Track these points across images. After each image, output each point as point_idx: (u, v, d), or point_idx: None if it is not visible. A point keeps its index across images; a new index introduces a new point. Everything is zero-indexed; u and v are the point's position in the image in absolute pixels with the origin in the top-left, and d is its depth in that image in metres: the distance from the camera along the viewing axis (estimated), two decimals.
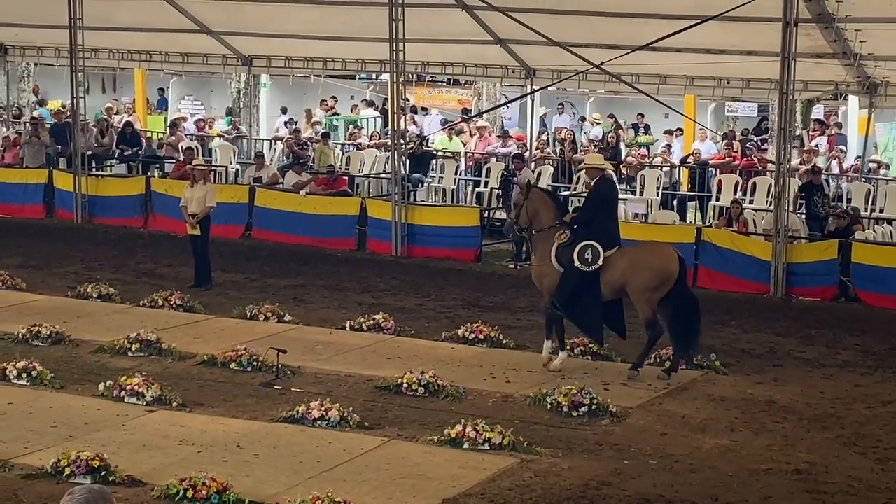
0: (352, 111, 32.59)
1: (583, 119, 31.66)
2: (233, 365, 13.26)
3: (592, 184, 14.08)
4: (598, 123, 30.31)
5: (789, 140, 19.18)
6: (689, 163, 25.14)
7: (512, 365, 13.73)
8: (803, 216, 20.63)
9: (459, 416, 11.42)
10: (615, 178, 19.63)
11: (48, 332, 14.15)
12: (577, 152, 26.06)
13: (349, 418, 11.36)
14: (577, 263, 13.27)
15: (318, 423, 11.27)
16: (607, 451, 11.04)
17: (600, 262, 13.25)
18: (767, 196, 22.22)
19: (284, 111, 31.34)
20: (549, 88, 24.98)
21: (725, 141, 25.75)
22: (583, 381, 12.82)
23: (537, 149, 25.78)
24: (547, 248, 13.58)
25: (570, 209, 14.41)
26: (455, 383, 12.72)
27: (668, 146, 26.34)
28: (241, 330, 14.97)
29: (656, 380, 13.32)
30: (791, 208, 20.37)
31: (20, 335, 14.13)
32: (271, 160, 26.48)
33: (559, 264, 13.48)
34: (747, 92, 22.57)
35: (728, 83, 22.00)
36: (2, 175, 24.56)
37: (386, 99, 29.35)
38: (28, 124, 27.79)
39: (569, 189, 24.39)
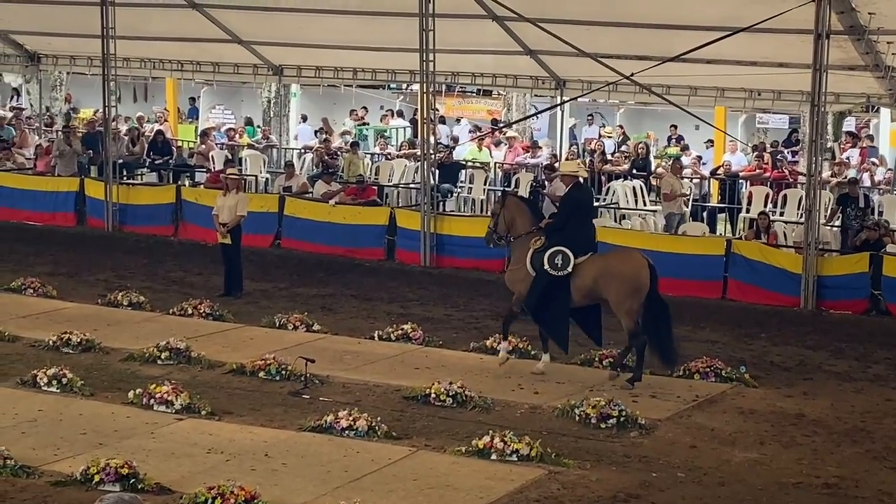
0: (381, 121, 32.66)
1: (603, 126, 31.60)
2: (261, 374, 13.28)
3: (567, 190, 14.18)
4: (609, 136, 30.19)
5: (820, 152, 19.09)
6: (719, 174, 25.06)
7: (540, 376, 13.70)
8: (838, 228, 20.51)
9: (487, 426, 11.41)
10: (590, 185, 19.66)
11: (78, 340, 14.22)
12: (606, 163, 26.04)
13: (377, 428, 11.37)
14: (547, 268, 13.48)
15: (346, 432, 11.28)
16: (636, 463, 11.01)
17: (570, 269, 13.45)
18: (798, 208, 22.12)
19: (305, 119, 31.43)
20: (579, 99, 24.96)
21: (756, 153, 25.65)
22: (611, 392, 12.79)
23: (567, 159, 25.73)
24: (522, 254, 13.83)
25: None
26: (483, 394, 12.71)
27: (699, 157, 26.24)
28: (269, 339, 15.00)
29: (685, 391, 13.27)
30: (826, 220, 20.28)
31: (51, 342, 14.21)
32: (301, 170, 26.55)
33: (533, 269, 13.66)
34: (778, 104, 22.49)
35: (759, 95, 21.92)
36: (34, 183, 24.69)
37: (416, 109, 29.41)
38: (60, 132, 27.97)
39: (598, 200, 24.36)
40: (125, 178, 25.07)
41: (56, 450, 10.63)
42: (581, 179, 14.38)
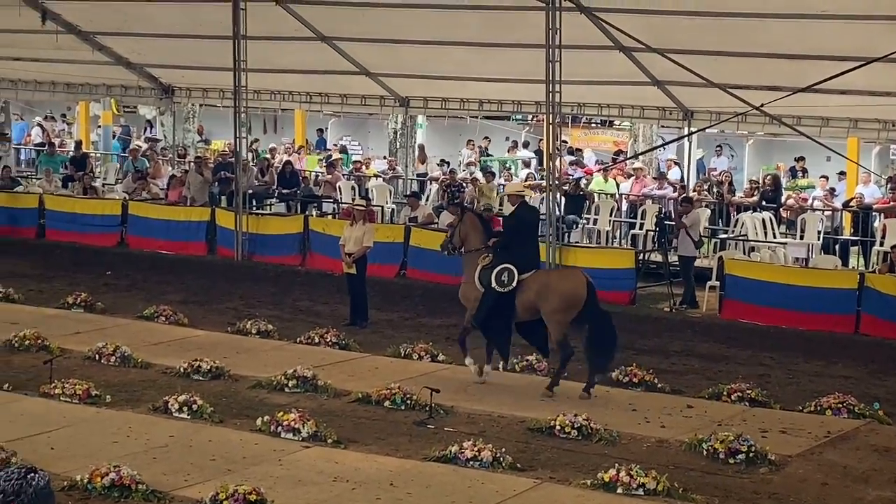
0: (507, 152, 32.70)
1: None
2: (387, 403, 13.33)
3: (513, 210, 14.90)
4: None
5: None
6: (851, 207, 24.57)
7: (667, 409, 13.55)
8: None
9: (613, 459, 11.28)
10: (536, 205, 20.18)
11: (208, 367, 14.42)
12: (734, 195, 25.70)
13: (501, 459, 11.31)
14: (494, 286, 14.15)
15: (471, 463, 11.25)
16: (765, 500, 10.78)
17: (514, 285, 14.12)
18: None
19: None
20: (707, 130, 24.71)
21: (890, 185, 25.10)
22: (740, 427, 12.56)
23: (694, 191, 25.51)
24: (472, 270, 14.53)
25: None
26: (609, 426, 12.58)
27: (832, 190, 25.76)
28: (395, 368, 15.06)
29: (817, 428, 12.99)
30: None
31: (182, 369, 14.43)
32: (426, 200, 26.69)
33: (481, 285, 14.34)
34: None
35: (893, 126, 21.48)
36: (167, 213, 25.21)
37: (541, 140, 29.38)
38: (192, 163, 28.54)
39: (726, 232, 24.06)
40: (254, 208, 25.46)
41: (186, 475, 10.77)
42: (527, 199, 15.24)
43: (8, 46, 25.87)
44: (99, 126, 37.13)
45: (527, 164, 30.32)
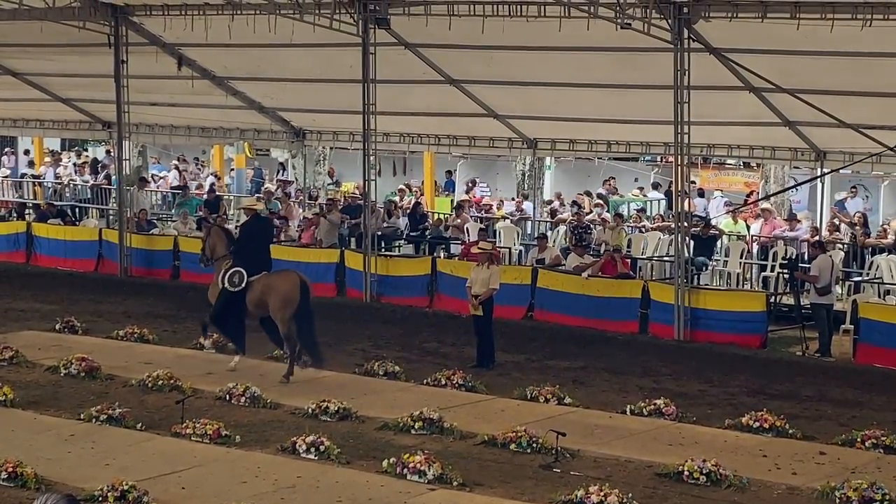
0: (638, 192, 32.50)
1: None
2: (513, 446, 13.30)
3: (247, 220, 17.41)
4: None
5: None
6: None
7: (798, 456, 13.28)
8: None
9: None
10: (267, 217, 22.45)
11: (336, 408, 14.54)
12: (869, 236, 25.16)
13: None
14: (226, 286, 16.53)
15: None
16: None
17: (243, 285, 16.47)
18: None
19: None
20: (841, 171, 24.29)
21: None
22: (874, 475, 12.26)
23: (827, 231, 25.06)
24: (217, 273, 16.85)
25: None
26: (738, 473, 12.38)
27: None
28: (521, 411, 15.02)
29: None
30: None
31: (310, 410, 14.58)
32: (554, 242, 26.64)
33: (221, 286, 16.63)
34: None
35: None
36: (297, 254, 25.49)
37: (671, 181, 29.16)
38: (322, 205, 28.90)
39: (860, 275, 23.55)
40: (382, 250, 25.63)
41: None
42: (258, 212, 17.97)
43: (145, 92, 26.57)
44: (232, 169, 37.88)
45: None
